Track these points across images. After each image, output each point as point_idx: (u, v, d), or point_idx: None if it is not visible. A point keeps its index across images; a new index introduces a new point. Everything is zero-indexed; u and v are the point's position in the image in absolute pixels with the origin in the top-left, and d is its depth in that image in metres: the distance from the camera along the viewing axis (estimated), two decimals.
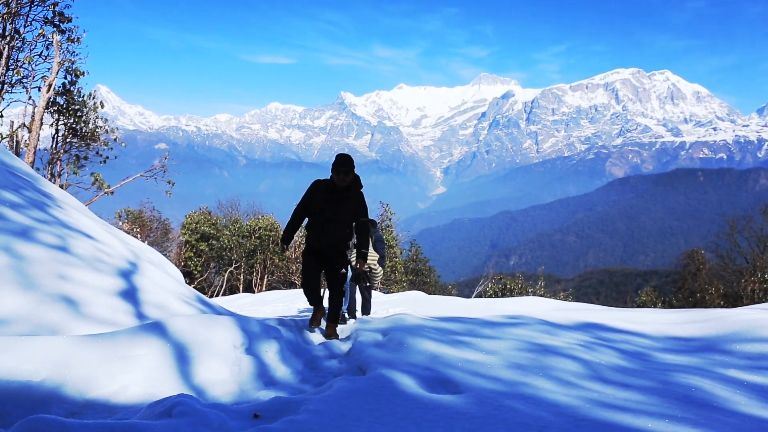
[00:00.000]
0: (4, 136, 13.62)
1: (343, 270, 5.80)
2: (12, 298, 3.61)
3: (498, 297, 23.86)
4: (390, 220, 26.33)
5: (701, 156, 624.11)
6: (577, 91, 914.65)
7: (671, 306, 26.70)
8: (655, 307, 26.41)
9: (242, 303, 15.57)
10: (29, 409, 2.46)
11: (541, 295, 25.21)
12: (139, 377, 3.02)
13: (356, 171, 5.91)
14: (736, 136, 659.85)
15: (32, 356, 2.69)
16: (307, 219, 5.93)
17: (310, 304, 5.99)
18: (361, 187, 5.85)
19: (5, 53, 12.93)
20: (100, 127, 16.16)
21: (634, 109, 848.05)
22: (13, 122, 14.21)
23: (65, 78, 14.98)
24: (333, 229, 5.59)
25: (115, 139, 16.54)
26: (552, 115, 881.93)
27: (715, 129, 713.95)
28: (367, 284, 7.63)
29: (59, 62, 13.93)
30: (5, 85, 13.23)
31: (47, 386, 2.63)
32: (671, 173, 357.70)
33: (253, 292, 26.56)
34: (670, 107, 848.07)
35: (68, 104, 15.26)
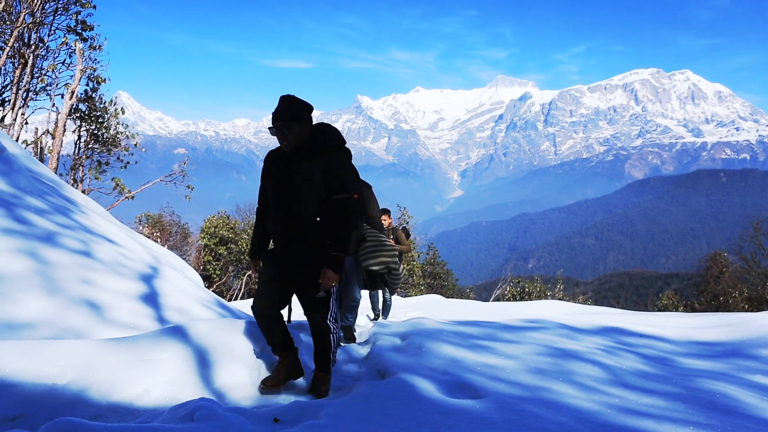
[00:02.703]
0: (28, 142, 13.90)
1: (322, 293, 3.37)
2: (37, 302, 3.68)
3: (516, 300, 23.70)
4: (407, 223, 26.31)
5: (723, 157, 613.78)
6: (596, 92, 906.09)
7: (693, 310, 26.28)
8: (676, 310, 26.00)
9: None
10: (55, 412, 2.51)
11: (560, 299, 24.99)
12: (161, 381, 3.06)
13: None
14: (759, 136, 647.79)
15: (58, 360, 2.74)
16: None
17: (269, 344, 3.59)
18: (342, 151, 3.80)
19: (30, 61, 13.20)
20: (121, 132, 16.43)
21: (653, 109, 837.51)
22: (37, 129, 14.50)
23: (87, 85, 15.28)
24: (289, 221, 3.35)
25: (135, 145, 16.80)
26: (570, 116, 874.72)
27: (737, 129, 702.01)
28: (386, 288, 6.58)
29: (81, 70, 14.20)
30: (30, 93, 13.52)
31: (72, 389, 2.68)
32: (692, 174, 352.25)
33: None
34: (691, 107, 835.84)
35: (90, 111, 15.54)
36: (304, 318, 4.05)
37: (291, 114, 3.31)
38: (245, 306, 12.81)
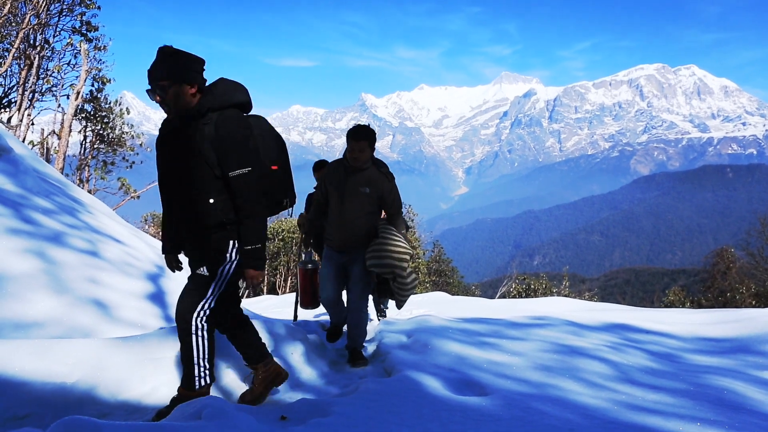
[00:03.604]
0: (35, 143, 13.97)
1: (203, 270, 2.85)
2: (46, 302, 3.70)
3: (522, 297, 23.66)
4: (413, 221, 26.31)
5: (730, 152, 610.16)
6: (600, 88, 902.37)
7: (700, 306, 26.15)
8: (683, 307, 25.90)
9: (266, 305, 15.69)
10: (64, 410, 2.53)
11: (565, 296, 24.93)
12: (168, 379, 3.07)
13: None
14: (766, 130, 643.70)
15: (66, 358, 2.76)
16: None
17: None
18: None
19: (36, 63, 13.26)
20: (126, 132, 16.49)
21: (659, 105, 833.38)
22: (43, 130, 14.57)
23: (92, 85, 15.33)
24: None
25: (140, 144, 16.85)
26: (575, 113, 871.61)
27: (744, 124, 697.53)
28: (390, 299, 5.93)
29: (87, 70, 14.25)
30: (36, 94, 13.58)
31: (81, 388, 2.69)
32: (699, 170, 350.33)
33: (277, 294, 26.74)
34: (697, 103, 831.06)
35: (95, 111, 15.59)
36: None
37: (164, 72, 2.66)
38: (251, 304, 12.85)
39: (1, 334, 3.28)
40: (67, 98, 14.31)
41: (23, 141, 12.49)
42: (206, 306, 2.80)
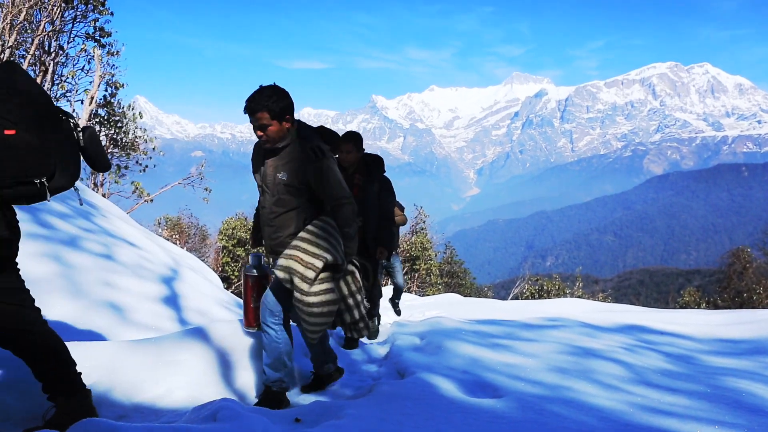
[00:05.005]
0: None
1: None
2: (62, 305, 3.75)
3: (535, 299, 23.53)
4: (424, 222, 26.27)
5: (745, 150, 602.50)
6: (612, 87, 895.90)
7: (716, 306, 25.85)
8: (699, 307, 25.61)
9: None
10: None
11: (578, 297, 24.76)
12: (183, 381, 3.09)
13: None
14: None
15: (83, 361, 2.78)
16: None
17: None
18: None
19: (51, 69, 13.44)
20: (139, 137, 16.65)
21: (672, 104, 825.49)
22: None
23: (106, 90, 15.49)
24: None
25: (153, 148, 17.01)
26: (587, 112, 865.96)
27: (759, 122, 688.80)
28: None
29: (100, 75, 14.41)
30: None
31: (97, 390, 2.72)
32: (713, 169, 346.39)
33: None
34: (711, 101, 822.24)
35: (109, 116, 15.76)
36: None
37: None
38: None
39: None
40: (81, 103, 14.50)
41: None
42: None
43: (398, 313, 7.70)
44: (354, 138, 4.63)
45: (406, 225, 7.87)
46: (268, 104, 2.89)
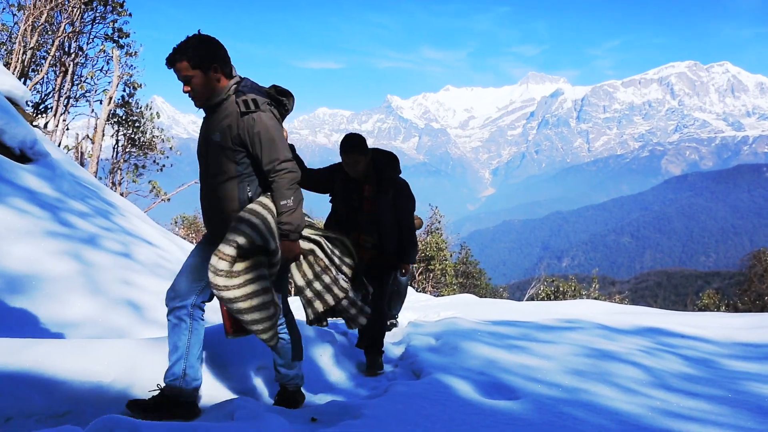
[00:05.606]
0: (70, 147, 14.36)
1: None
2: (82, 303, 3.79)
3: (550, 300, 23.37)
4: (439, 222, 26.22)
5: (766, 150, 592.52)
6: (630, 87, 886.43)
7: (736, 309, 25.46)
8: (718, 310, 25.24)
9: (294, 307, 15.84)
10: (101, 409, 2.58)
11: (595, 298, 24.53)
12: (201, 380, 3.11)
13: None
14: None
15: (102, 358, 2.82)
16: None
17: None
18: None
19: (70, 70, 13.64)
20: (157, 136, 16.84)
21: (691, 103, 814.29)
22: (77, 134, 14.97)
23: (124, 91, 15.71)
24: None
25: (170, 148, 17.19)
26: (603, 112, 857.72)
27: None
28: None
29: (119, 76, 14.61)
30: (70, 100, 13.97)
31: (117, 387, 2.75)
32: (733, 169, 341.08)
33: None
34: (731, 100, 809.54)
35: (127, 116, 15.97)
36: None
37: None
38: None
39: (41, 334, 3.37)
40: (100, 103, 14.71)
41: (59, 146, 12.85)
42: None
43: (394, 325, 6.24)
44: (355, 145, 3.75)
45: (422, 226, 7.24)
46: (188, 52, 2.52)
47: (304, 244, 2.84)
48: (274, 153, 2.57)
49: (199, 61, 2.53)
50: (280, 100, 2.76)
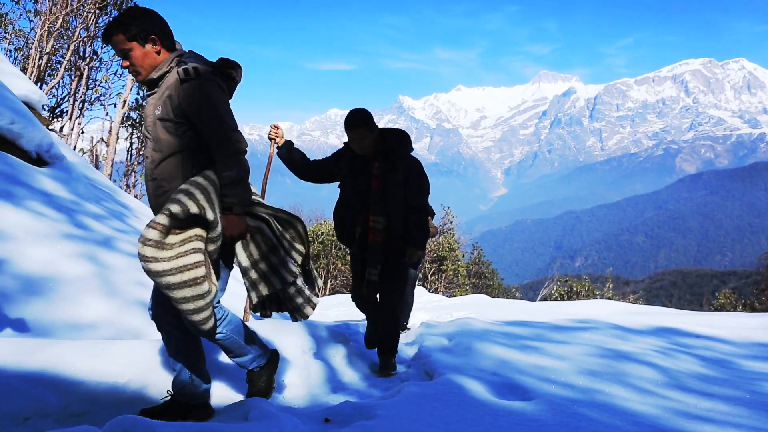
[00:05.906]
0: (85, 150, 14.53)
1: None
2: (98, 305, 3.84)
3: (564, 300, 23.22)
4: (451, 222, 26.18)
5: None
6: (643, 85, 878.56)
7: (753, 309, 25.12)
8: (735, 310, 24.93)
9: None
10: (117, 409, 2.61)
11: (609, 298, 24.34)
12: (215, 380, 3.14)
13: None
14: None
15: (118, 359, 2.85)
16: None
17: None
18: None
19: (85, 74, 13.81)
20: None
21: (705, 101, 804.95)
22: (92, 138, 15.14)
23: (138, 94, 15.86)
24: None
25: None
26: (616, 111, 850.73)
27: None
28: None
29: (132, 79, 14.75)
30: (85, 103, 14.14)
31: (132, 387, 2.78)
32: (749, 167, 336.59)
33: (317, 296, 26.96)
34: (747, 97, 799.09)
35: (141, 119, 16.12)
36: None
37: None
38: None
39: (57, 335, 3.41)
40: (115, 107, 14.86)
41: (74, 149, 13.01)
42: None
43: (404, 328, 6.04)
44: (361, 119, 3.64)
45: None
46: (123, 24, 2.38)
47: (251, 222, 2.65)
48: (216, 122, 2.40)
49: (135, 33, 2.39)
50: (227, 72, 2.60)
